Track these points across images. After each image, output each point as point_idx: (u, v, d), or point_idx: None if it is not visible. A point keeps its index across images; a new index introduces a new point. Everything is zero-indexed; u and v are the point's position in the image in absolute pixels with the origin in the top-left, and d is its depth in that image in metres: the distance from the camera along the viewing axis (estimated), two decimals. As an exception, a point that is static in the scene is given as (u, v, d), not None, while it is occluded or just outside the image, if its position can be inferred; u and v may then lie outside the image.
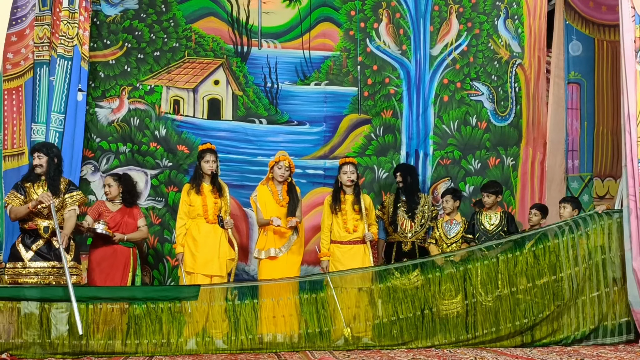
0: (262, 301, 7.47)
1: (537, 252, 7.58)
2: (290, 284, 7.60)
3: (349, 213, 8.39)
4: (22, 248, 7.35)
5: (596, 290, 7.52)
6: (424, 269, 7.61)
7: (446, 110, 9.98)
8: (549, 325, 7.46)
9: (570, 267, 7.53)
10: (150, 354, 7.03)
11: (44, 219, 7.35)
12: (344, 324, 7.42)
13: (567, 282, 7.50)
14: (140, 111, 9.43)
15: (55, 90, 8.64)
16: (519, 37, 10.16)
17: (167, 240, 9.22)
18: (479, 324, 7.50)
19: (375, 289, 7.59)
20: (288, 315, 7.49)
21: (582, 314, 7.48)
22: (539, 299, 7.50)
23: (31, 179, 7.46)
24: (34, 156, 7.47)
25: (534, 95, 10.07)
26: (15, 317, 6.95)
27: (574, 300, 7.47)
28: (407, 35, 10.03)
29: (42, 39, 8.75)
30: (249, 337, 7.31)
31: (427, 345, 7.37)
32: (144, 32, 9.55)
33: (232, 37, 9.76)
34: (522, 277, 7.53)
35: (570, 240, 7.56)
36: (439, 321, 7.51)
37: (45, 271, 7.32)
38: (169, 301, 7.22)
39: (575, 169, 9.95)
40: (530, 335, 7.45)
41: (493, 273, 7.55)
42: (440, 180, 9.87)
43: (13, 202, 7.37)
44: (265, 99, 9.74)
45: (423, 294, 7.53)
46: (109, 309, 7.09)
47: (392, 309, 7.51)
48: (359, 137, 9.84)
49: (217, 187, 8.23)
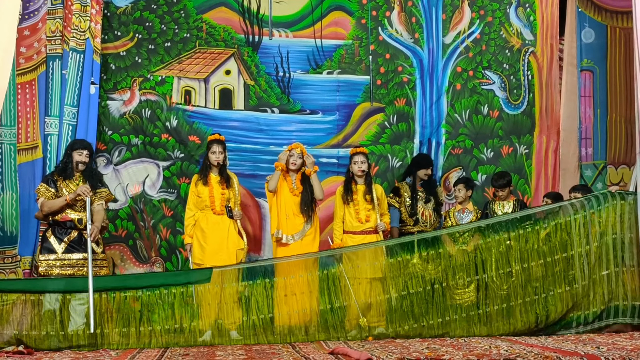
0: (274, 280, 7.49)
1: (549, 230, 7.57)
2: (302, 262, 7.61)
3: (360, 203, 8.38)
4: (54, 240, 7.44)
5: (606, 269, 7.50)
6: (436, 245, 7.59)
7: (458, 99, 9.94)
8: (563, 304, 7.45)
9: (582, 245, 7.50)
10: (164, 345, 7.06)
11: (77, 212, 7.45)
12: (360, 314, 7.44)
13: (578, 260, 7.48)
14: (152, 102, 9.43)
15: (68, 84, 8.68)
16: (531, 25, 10.09)
17: (179, 232, 9.21)
18: (490, 300, 7.49)
19: (386, 264, 7.57)
20: (300, 294, 7.50)
21: (593, 292, 7.47)
22: (550, 277, 7.49)
23: (66, 174, 7.57)
24: (81, 153, 7.59)
25: (547, 83, 10.01)
26: (30, 309, 7.01)
27: (586, 279, 7.45)
28: (420, 23, 9.99)
29: (54, 32, 8.78)
30: (260, 317, 7.33)
31: (438, 322, 7.37)
32: (154, 23, 9.53)
33: (243, 26, 9.74)
34: (533, 254, 7.52)
35: (582, 218, 7.53)
36: (449, 296, 7.51)
37: (78, 263, 7.43)
38: (181, 286, 7.27)
39: (588, 156, 9.90)
40: (545, 315, 7.43)
41: (504, 249, 7.53)
42: (452, 170, 9.84)
43: (45, 195, 7.48)
44: (277, 88, 9.73)
45: (433, 268, 7.53)
46: (122, 297, 7.14)
47: (402, 283, 7.51)
48: (372, 125, 9.81)
49: (224, 177, 8.23)
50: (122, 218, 9.23)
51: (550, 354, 5.34)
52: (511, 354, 5.49)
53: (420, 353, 5.66)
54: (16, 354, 6.43)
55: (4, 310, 6.99)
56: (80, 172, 7.61)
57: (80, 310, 7.13)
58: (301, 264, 7.62)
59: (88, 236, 7.26)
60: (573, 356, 5.23)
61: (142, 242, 9.24)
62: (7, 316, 6.98)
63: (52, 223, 7.53)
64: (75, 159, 7.59)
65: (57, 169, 7.75)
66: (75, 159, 7.59)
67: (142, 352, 6.53)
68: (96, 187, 7.61)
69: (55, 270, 7.38)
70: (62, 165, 7.65)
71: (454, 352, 5.70)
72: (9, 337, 6.92)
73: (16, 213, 8.48)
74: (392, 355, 5.56)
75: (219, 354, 6.21)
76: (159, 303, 7.20)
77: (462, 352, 5.76)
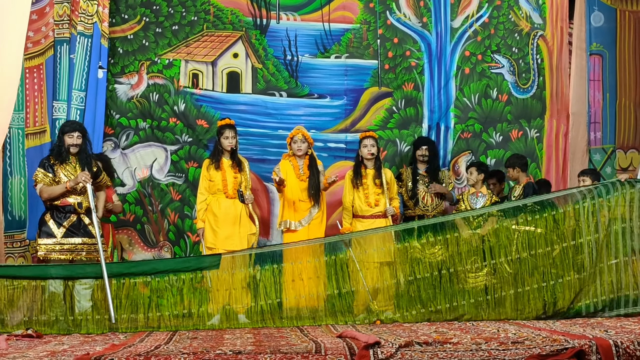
0: (283, 265, 7.49)
1: (557, 217, 7.53)
2: (311, 247, 7.60)
3: (370, 187, 8.38)
4: (53, 225, 7.42)
5: (614, 258, 7.46)
6: (443, 231, 7.57)
7: (467, 83, 9.91)
8: (570, 292, 7.42)
9: (590, 233, 7.46)
10: (173, 328, 7.07)
11: (76, 196, 7.42)
12: (370, 298, 7.44)
13: (587, 249, 7.45)
14: (159, 86, 9.42)
15: (76, 68, 8.68)
16: (540, 8, 10.04)
17: (187, 216, 9.24)
18: (498, 286, 7.48)
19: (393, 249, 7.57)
20: (307, 279, 7.50)
21: (600, 281, 7.44)
22: (558, 264, 7.47)
23: (61, 158, 7.46)
24: (72, 135, 7.44)
25: (557, 67, 9.97)
26: (40, 295, 7.02)
27: (594, 268, 7.43)
28: (428, 7, 9.94)
29: (62, 16, 8.77)
30: (268, 302, 7.33)
31: (446, 307, 7.37)
32: (162, 6, 9.51)
33: (250, 9, 9.71)
34: (541, 241, 7.50)
35: (591, 206, 7.49)
36: (457, 282, 7.50)
37: (77, 247, 7.42)
38: (190, 272, 7.25)
39: (597, 141, 9.88)
40: (552, 303, 7.42)
41: (512, 235, 7.51)
42: (461, 154, 9.82)
43: (43, 181, 7.40)
44: (285, 71, 9.71)
45: (441, 254, 7.51)
46: (131, 283, 7.13)
47: (409, 269, 7.50)
48: (380, 110, 9.80)
49: (236, 162, 8.24)
50: (130, 202, 9.23)
51: (559, 337, 5.33)
52: (519, 337, 5.48)
53: (428, 336, 5.65)
54: (25, 337, 6.44)
55: (14, 295, 7.00)
56: (73, 154, 7.49)
57: (85, 294, 7.13)
58: (309, 250, 7.61)
59: (95, 225, 7.23)
60: (581, 339, 5.22)
61: (150, 226, 9.25)
62: (17, 301, 6.99)
63: (50, 207, 7.47)
64: (67, 142, 7.44)
65: (51, 152, 7.62)
66: (67, 142, 7.44)
67: (150, 335, 6.53)
68: (92, 173, 7.46)
69: (54, 255, 7.36)
70: (57, 149, 7.52)
71: (462, 336, 5.69)
72: (19, 322, 6.94)
73: (24, 197, 8.49)
74: (400, 338, 5.56)
75: (227, 337, 6.21)
76: (167, 288, 7.20)
77: (470, 335, 5.75)
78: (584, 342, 5.16)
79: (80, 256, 7.41)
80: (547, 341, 5.24)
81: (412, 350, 5.15)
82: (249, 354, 5.02)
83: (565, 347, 5.09)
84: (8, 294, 7.00)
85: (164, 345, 5.64)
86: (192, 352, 5.08)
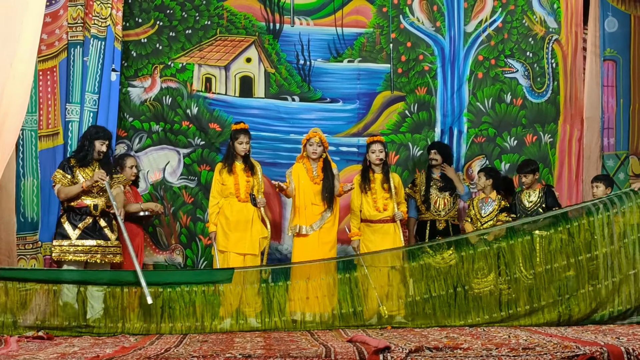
0: (296, 282, 7.51)
1: (572, 230, 7.52)
2: (323, 265, 7.62)
3: (378, 192, 8.38)
4: (68, 226, 7.48)
5: (632, 268, 7.43)
6: (458, 247, 7.59)
7: (480, 87, 9.88)
8: (586, 304, 7.40)
9: (606, 245, 7.44)
10: (183, 331, 7.08)
11: (93, 198, 7.50)
12: (379, 302, 7.44)
13: (603, 261, 7.42)
14: (172, 90, 9.43)
15: (89, 71, 8.70)
16: (555, 12, 10.01)
17: (199, 219, 9.25)
18: (512, 302, 7.47)
19: (407, 267, 7.58)
20: (322, 296, 7.51)
21: (618, 292, 7.40)
22: (574, 277, 7.44)
23: (85, 162, 7.60)
24: (103, 143, 7.64)
25: (571, 72, 9.92)
26: (52, 298, 7.05)
27: (610, 279, 7.39)
28: (441, 11, 9.93)
29: (75, 19, 8.79)
30: (282, 318, 7.35)
31: (461, 324, 7.36)
32: (175, 10, 9.53)
33: (264, 14, 9.72)
34: (557, 255, 7.47)
35: (606, 218, 7.48)
36: (472, 299, 7.49)
37: (92, 249, 7.46)
38: (203, 284, 7.28)
39: (611, 146, 9.84)
40: (568, 315, 7.39)
41: (527, 251, 7.50)
42: (474, 158, 9.79)
43: (62, 181, 7.51)
44: (298, 76, 9.71)
45: (456, 272, 7.51)
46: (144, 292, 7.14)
47: (424, 287, 7.50)
48: (393, 114, 9.78)
49: (249, 165, 8.25)
50: (142, 205, 9.23)
51: (570, 344, 5.31)
52: (530, 343, 5.47)
53: (438, 342, 5.64)
54: (36, 338, 6.47)
55: (27, 298, 7.03)
56: (96, 160, 7.64)
57: (98, 296, 7.16)
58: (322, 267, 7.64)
59: (119, 219, 7.37)
60: (593, 346, 5.20)
61: (162, 229, 9.25)
62: (30, 304, 7.02)
63: (67, 209, 7.56)
64: (97, 148, 7.61)
65: (74, 155, 7.75)
66: (97, 148, 7.61)
67: (161, 338, 6.55)
68: (112, 173, 7.65)
69: (68, 256, 7.41)
70: (83, 153, 7.64)
71: (472, 341, 5.68)
72: (31, 323, 6.96)
73: (37, 199, 8.50)
74: (410, 343, 5.55)
75: (237, 341, 6.22)
76: (179, 300, 7.21)
77: (480, 341, 5.74)
78: (596, 348, 5.14)
79: (95, 258, 7.46)
80: (558, 348, 5.22)
81: (422, 355, 5.15)
82: (259, 358, 5.02)
83: (576, 354, 5.08)
84: (20, 296, 7.03)
85: (174, 348, 5.65)
86: (202, 355, 5.08)
